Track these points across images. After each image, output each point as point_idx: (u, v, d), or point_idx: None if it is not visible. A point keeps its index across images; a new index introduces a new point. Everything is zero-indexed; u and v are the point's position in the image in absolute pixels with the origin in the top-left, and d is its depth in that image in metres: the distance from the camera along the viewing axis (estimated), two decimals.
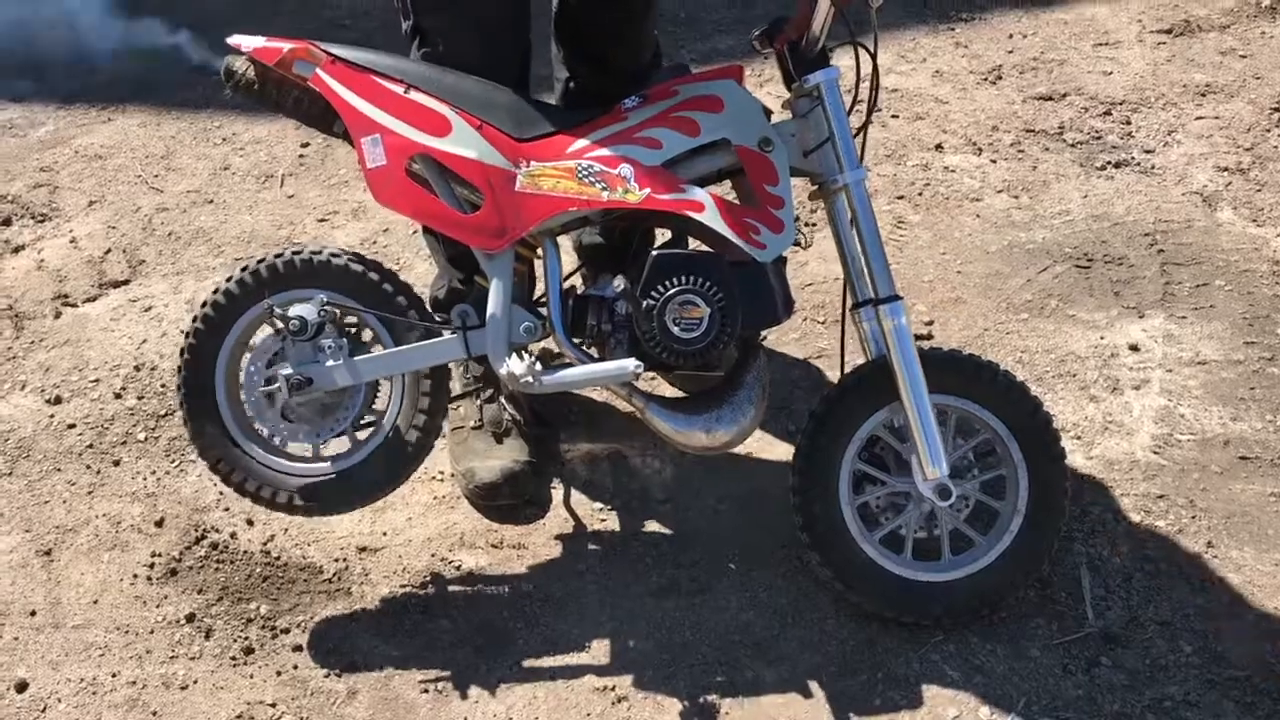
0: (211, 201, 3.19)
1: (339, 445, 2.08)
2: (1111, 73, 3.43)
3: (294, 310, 1.96)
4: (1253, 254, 2.74)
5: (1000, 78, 3.45)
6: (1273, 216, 2.84)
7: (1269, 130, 3.14)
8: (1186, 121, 3.21)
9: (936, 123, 3.28)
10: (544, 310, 1.97)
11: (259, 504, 2.06)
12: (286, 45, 1.95)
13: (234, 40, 1.99)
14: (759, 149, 1.89)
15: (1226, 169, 3.01)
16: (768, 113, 1.93)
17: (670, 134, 1.90)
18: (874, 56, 1.92)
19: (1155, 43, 3.56)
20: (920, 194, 3.02)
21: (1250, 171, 3.00)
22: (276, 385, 1.98)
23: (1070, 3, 3.80)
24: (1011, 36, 3.64)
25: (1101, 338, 2.56)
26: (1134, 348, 2.52)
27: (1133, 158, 3.09)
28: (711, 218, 1.87)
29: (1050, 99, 3.34)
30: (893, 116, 3.31)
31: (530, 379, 1.92)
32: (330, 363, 1.97)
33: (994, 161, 3.12)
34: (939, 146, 3.18)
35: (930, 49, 3.61)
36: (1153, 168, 3.05)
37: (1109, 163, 3.08)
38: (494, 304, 1.94)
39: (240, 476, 2.03)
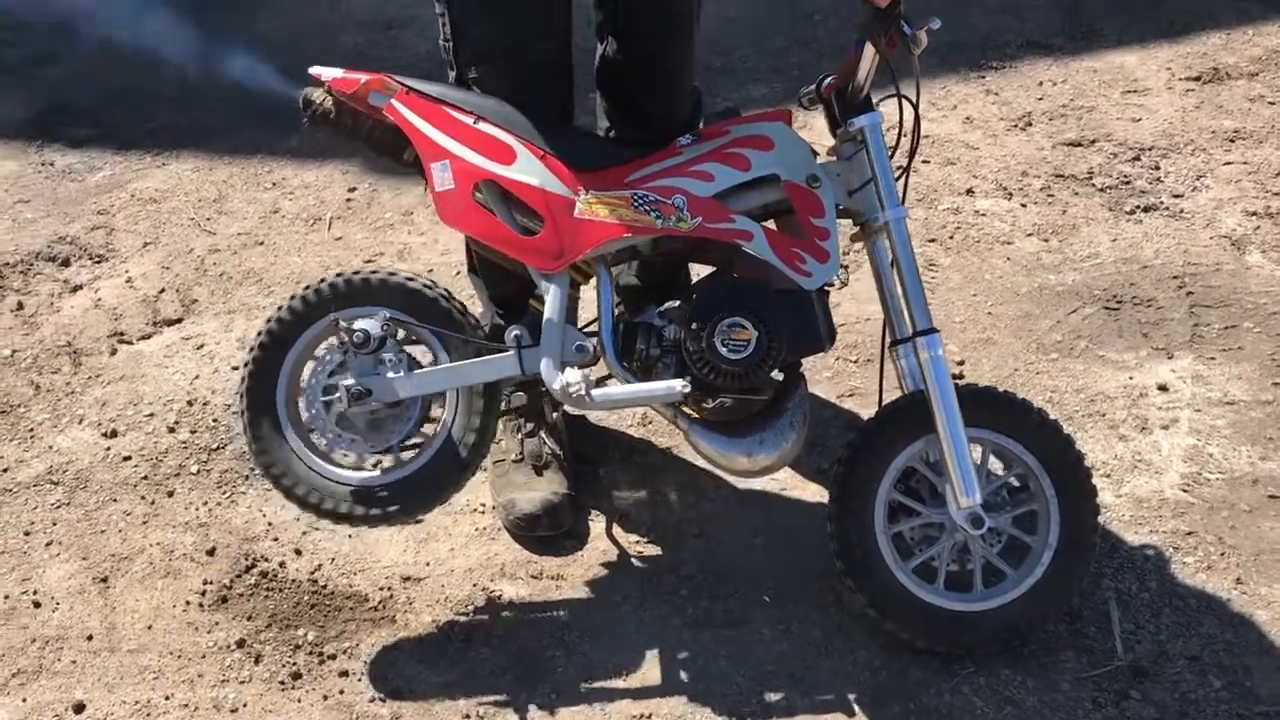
0: (261, 243, 3.30)
1: (391, 458, 2.15)
2: (1141, 119, 3.49)
3: (358, 324, 2.05)
4: None
5: (1030, 124, 3.51)
6: None
7: None
8: (1215, 166, 3.26)
9: (967, 168, 3.34)
10: (593, 336, 2.05)
11: (311, 512, 2.12)
12: (363, 77, 2.06)
13: (314, 71, 2.10)
14: (807, 184, 1.97)
15: (1255, 213, 3.06)
16: (815, 153, 2.02)
17: (722, 168, 1.99)
18: (915, 106, 2.00)
19: (1184, 90, 3.61)
20: (951, 237, 3.08)
21: (1279, 216, 3.04)
22: (337, 395, 2.06)
23: (1100, 51, 3.86)
24: (1041, 84, 3.71)
25: (1131, 378, 2.60)
26: (1163, 388, 2.56)
27: (1161, 202, 3.14)
28: (760, 246, 1.96)
29: (1080, 145, 3.40)
30: (924, 162, 3.37)
31: (583, 392, 1.99)
32: (390, 375, 2.06)
33: (1024, 206, 3.17)
34: (970, 191, 3.24)
35: (961, 96, 3.69)
36: (1181, 212, 3.10)
37: (1138, 207, 3.13)
38: (549, 321, 2.02)
39: (295, 484, 2.10)
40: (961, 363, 2.67)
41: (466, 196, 2.02)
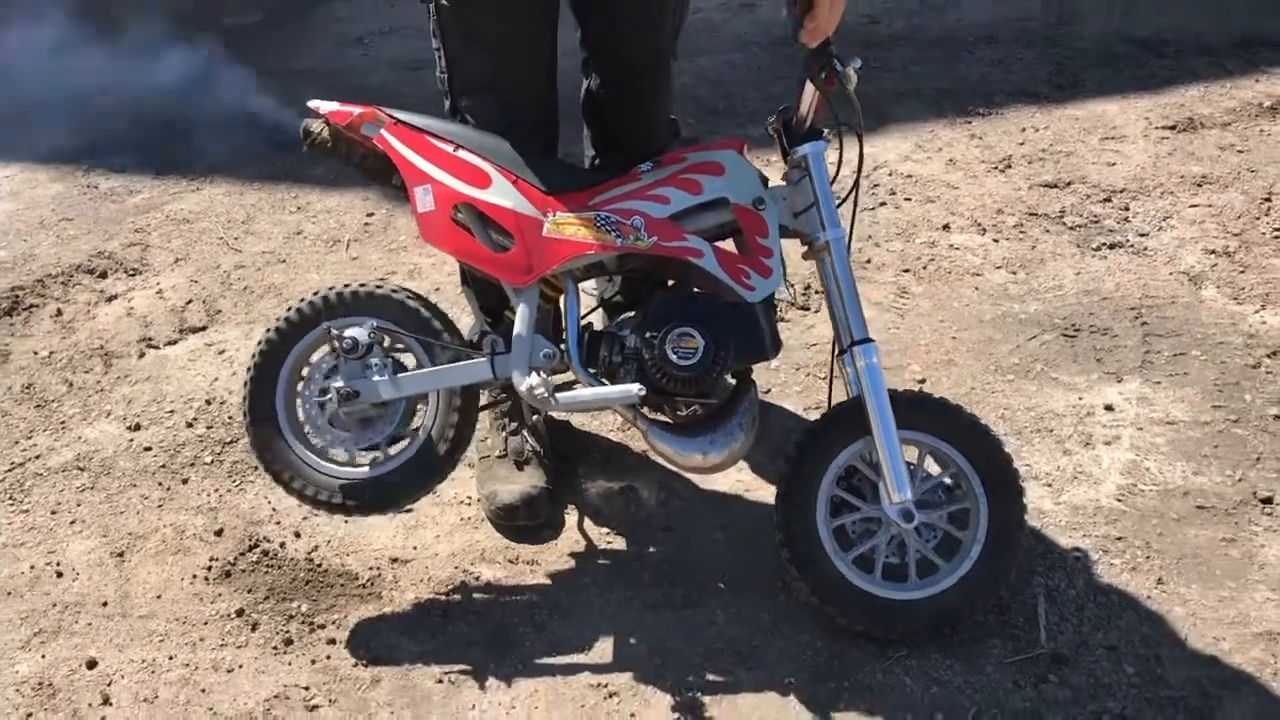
0: (284, 261, 3.55)
1: (378, 453, 2.34)
2: (1115, 163, 3.68)
3: (348, 332, 2.27)
4: (1230, 328, 2.94)
5: (1010, 166, 3.71)
6: (1253, 295, 3.05)
7: (1258, 218, 3.35)
8: (1181, 209, 3.44)
9: (946, 205, 3.54)
10: (564, 343, 2.26)
11: (304, 502, 2.33)
12: (356, 109, 2.29)
13: (312, 104, 2.33)
14: (753, 207, 2.17)
15: (1214, 251, 3.23)
16: (764, 179, 2.23)
17: (677, 192, 2.19)
18: (859, 135, 2.19)
19: (1159, 137, 3.80)
20: (925, 268, 3.27)
21: (1236, 254, 3.21)
22: (329, 396, 2.28)
23: (1083, 101, 4.07)
24: (1024, 130, 3.91)
25: (1080, 398, 2.77)
26: (1109, 408, 2.73)
27: (1127, 240, 3.32)
28: (709, 263, 2.16)
29: (1055, 186, 3.59)
30: (906, 199, 3.58)
31: (545, 394, 2.19)
32: (376, 378, 2.27)
33: (996, 241, 3.37)
34: (946, 226, 3.44)
35: (946, 140, 3.89)
36: (1145, 249, 3.28)
37: (1104, 244, 3.31)
38: (519, 331, 2.23)
39: (290, 476, 2.32)
40: (922, 380, 2.85)
41: (445, 218, 2.24)
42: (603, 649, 2.26)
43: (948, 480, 2.26)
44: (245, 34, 5.39)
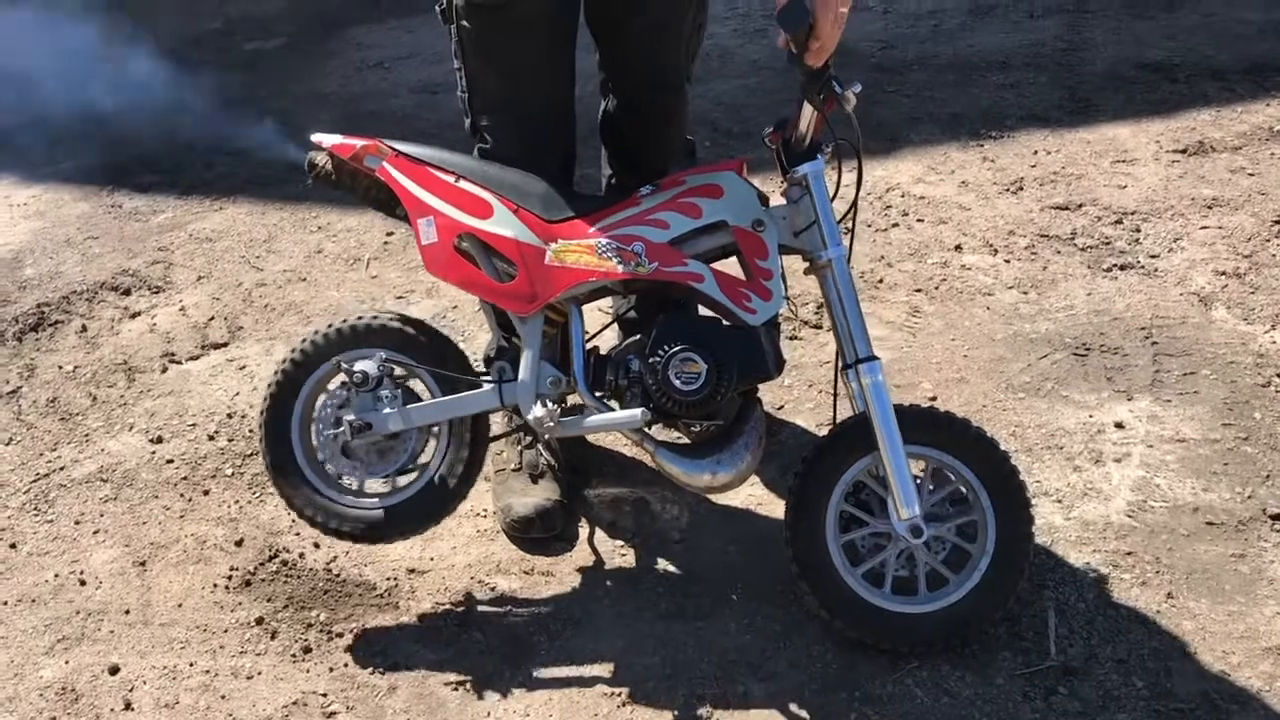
0: (304, 279, 3.60)
1: (392, 482, 2.39)
2: (1126, 186, 3.71)
3: (358, 365, 2.31)
4: (1240, 348, 2.96)
5: (1021, 188, 3.74)
6: (1263, 315, 3.07)
7: (1269, 240, 3.37)
8: (1192, 231, 3.46)
9: (958, 226, 3.58)
10: (570, 368, 2.29)
11: (319, 530, 2.37)
12: (359, 142, 2.33)
13: (316, 138, 2.37)
14: (752, 229, 2.20)
15: (1224, 273, 3.25)
16: (764, 199, 2.26)
17: (676, 216, 2.22)
18: (858, 153, 2.22)
19: (1170, 161, 3.83)
20: (937, 288, 3.30)
21: (1247, 276, 3.24)
22: (341, 429, 2.32)
23: (1094, 124, 4.10)
24: (1036, 153, 3.95)
25: (1090, 416, 2.79)
26: (1119, 425, 2.75)
27: (1138, 261, 3.35)
28: (710, 287, 2.19)
29: (1066, 208, 3.62)
30: (918, 220, 3.61)
31: (552, 423, 2.23)
32: (386, 410, 2.30)
33: (1008, 261, 3.40)
34: (958, 247, 3.47)
35: (959, 162, 3.93)
36: (1155, 270, 3.31)
37: (1115, 265, 3.34)
38: (525, 360, 2.26)
39: (307, 507, 2.36)
40: (934, 398, 2.88)
41: (449, 248, 2.27)
42: (616, 659, 2.29)
43: (954, 493, 2.28)
44: (266, 58, 5.47)
